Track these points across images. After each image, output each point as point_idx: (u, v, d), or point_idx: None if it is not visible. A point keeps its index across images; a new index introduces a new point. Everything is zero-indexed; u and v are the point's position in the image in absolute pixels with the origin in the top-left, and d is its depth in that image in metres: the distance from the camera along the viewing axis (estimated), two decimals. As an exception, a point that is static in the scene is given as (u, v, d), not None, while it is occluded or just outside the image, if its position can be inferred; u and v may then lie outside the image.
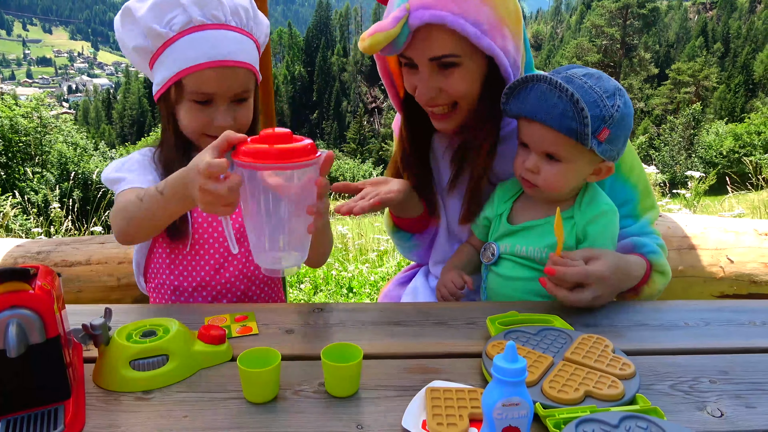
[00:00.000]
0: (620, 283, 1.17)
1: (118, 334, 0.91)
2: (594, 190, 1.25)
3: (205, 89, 1.19)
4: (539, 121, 1.12)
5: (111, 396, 0.85)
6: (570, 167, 1.16)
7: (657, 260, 1.26)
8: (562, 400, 0.80)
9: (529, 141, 1.17)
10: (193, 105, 1.21)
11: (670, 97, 51.45)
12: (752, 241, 2.52)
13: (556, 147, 1.13)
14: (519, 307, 1.12)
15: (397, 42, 1.14)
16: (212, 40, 1.18)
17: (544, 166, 1.16)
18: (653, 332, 1.07)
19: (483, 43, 1.14)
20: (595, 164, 1.17)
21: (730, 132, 35.67)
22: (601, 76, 1.14)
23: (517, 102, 1.16)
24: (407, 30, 1.13)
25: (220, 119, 1.21)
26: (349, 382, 0.85)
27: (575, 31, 79.61)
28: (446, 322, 1.10)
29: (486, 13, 1.13)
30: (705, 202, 5.90)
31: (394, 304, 1.21)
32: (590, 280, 1.09)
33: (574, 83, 1.10)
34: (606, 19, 52.02)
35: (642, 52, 52.64)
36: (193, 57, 1.17)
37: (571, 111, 1.08)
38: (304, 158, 0.86)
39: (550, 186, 1.18)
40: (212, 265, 1.29)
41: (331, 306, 1.17)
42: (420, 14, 1.11)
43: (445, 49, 1.16)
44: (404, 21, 1.12)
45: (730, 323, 1.11)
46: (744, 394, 0.87)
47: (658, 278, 1.26)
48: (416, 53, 1.18)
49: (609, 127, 1.11)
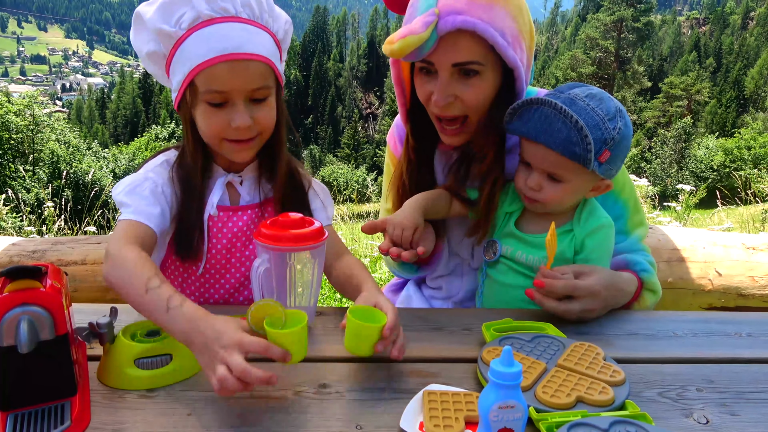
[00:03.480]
0: (612, 299, 1.19)
1: (123, 333, 0.93)
2: (592, 204, 1.28)
3: (217, 86, 1.10)
4: (542, 144, 1.14)
5: (116, 394, 0.87)
6: (571, 186, 1.19)
7: (649, 279, 1.29)
8: (554, 404, 0.83)
9: (532, 161, 1.20)
10: (208, 107, 1.12)
11: (662, 111, 51.98)
12: (740, 254, 2.57)
13: (559, 169, 1.17)
14: (514, 314, 1.15)
15: (424, 46, 1.13)
16: (221, 32, 1.10)
17: (545, 185, 1.19)
18: (643, 341, 1.10)
19: (509, 53, 1.15)
20: (594, 182, 1.21)
21: (720, 146, 36.06)
22: (602, 98, 1.16)
23: (520, 123, 1.18)
24: (435, 35, 1.12)
25: (237, 119, 1.11)
26: (365, 342, 0.92)
27: (570, 42, 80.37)
28: (442, 328, 1.13)
29: (510, 25, 1.15)
30: (695, 215, 5.97)
31: (392, 310, 1.24)
32: (579, 293, 1.12)
33: (577, 105, 1.13)
34: (601, 32, 52.54)
35: (635, 65, 53.16)
36: (203, 53, 1.09)
37: (575, 137, 1.10)
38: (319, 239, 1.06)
39: (551, 203, 1.22)
40: (227, 289, 1.26)
41: (330, 311, 1.20)
42: (452, 19, 1.12)
43: (470, 56, 1.16)
44: (434, 25, 1.11)
45: (716, 334, 1.14)
46: (729, 402, 0.90)
47: (648, 296, 1.30)
48: (440, 58, 1.17)
49: (610, 149, 1.14)
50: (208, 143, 1.20)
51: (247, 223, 1.25)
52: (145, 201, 1.13)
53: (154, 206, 1.13)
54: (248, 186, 1.28)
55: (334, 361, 0.99)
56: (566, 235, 1.25)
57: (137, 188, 1.15)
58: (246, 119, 1.13)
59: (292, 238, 1.02)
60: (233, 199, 1.27)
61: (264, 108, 1.16)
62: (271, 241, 1.01)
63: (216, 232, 1.23)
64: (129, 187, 1.16)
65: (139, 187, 1.15)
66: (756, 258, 2.56)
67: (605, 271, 1.19)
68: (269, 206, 1.29)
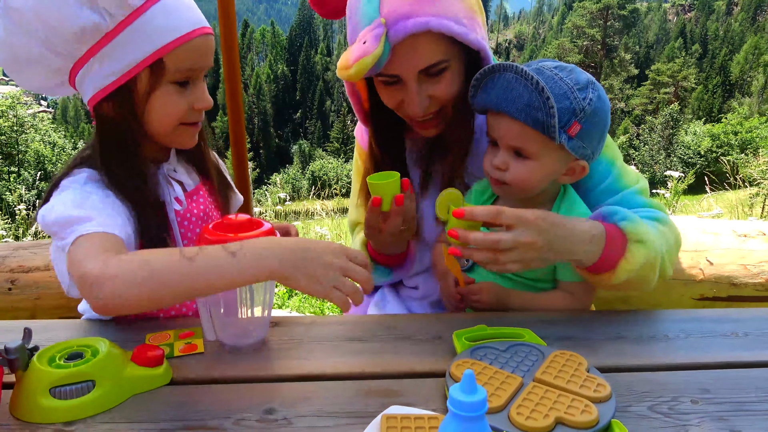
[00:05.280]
0: (558, 237, 0.97)
1: (39, 358, 0.81)
2: (572, 198, 1.17)
3: (193, 63, 1.03)
4: (505, 113, 1.05)
5: (28, 428, 0.76)
6: (540, 164, 1.08)
7: (631, 228, 1.03)
8: (531, 428, 0.72)
9: (497, 135, 1.10)
10: (174, 89, 1.03)
11: (649, 98, 52.20)
12: (731, 242, 2.49)
13: (524, 141, 1.06)
14: (489, 318, 1.05)
15: (380, 61, 1.05)
16: (184, 3, 1.03)
17: (512, 163, 1.09)
18: (631, 346, 1.00)
19: (471, 38, 1.07)
20: (567, 163, 1.10)
21: (707, 132, 36.31)
22: (573, 69, 1.07)
23: (483, 94, 1.09)
24: (388, 46, 1.04)
25: (204, 99, 1.07)
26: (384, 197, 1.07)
27: (557, 31, 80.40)
28: (411, 337, 1.02)
29: (460, 7, 1.07)
30: (684, 201, 5.91)
31: (356, 317, 1.13)
32: (507, 220, 0.93)
33: (544, 74, 1.04)
34: (587, 20, 52.56)
35: (622, 53, 53.27)
36: (176, 26, 0.99)
37: (537, 101, 1.00)
38: None
39: (519, 184, 1.10)
40: None
41: (288, 320, 1.08)
42: (402, 26, 1.03)
43: (434, 57, 1.08)
44: (384, 37, 1.03)
45: (712, 335, 1.04)
46: (728, 415, 0.80)
47: (637, 249, 1.03)
48: (404, 68, 1.09)
49: (580, 121, 1.03)
50: (158, 132, 1.07)
51: (206, 203, 1.21)
52: (105, 213, 0.94)
53: (116, 216, 0.96)
54: (182, 171, 1.19)
55: (285, 381, 0.88)
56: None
57: (86, 202, 0.96)
58: (210, 99, 1.08)
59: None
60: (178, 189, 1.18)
61: (204, 86, 1.10)
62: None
63: (188, 224, 1.15)
64: (72, 200, 0.96)
65: (87, 201, 0.96)
66: (747, 245, 2.48)
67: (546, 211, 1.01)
68: (199, 193, 1.22)
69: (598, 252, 1.02)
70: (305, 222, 6.94)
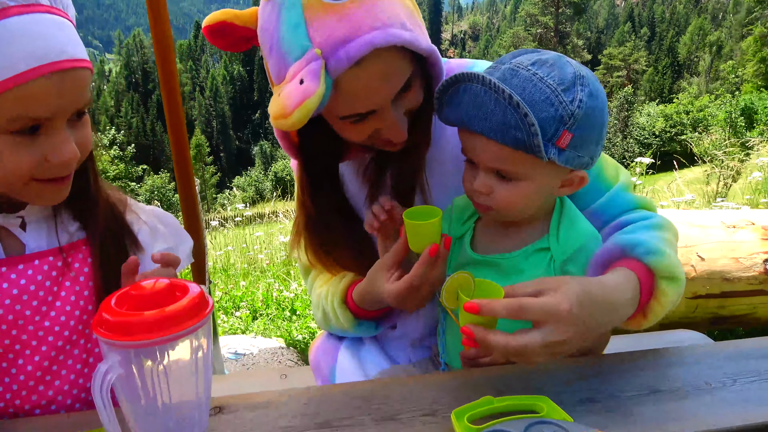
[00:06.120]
0: (596, 318, 0.80)
1: None
2: (571, 213, 0.97)
3: (36, 111, 0.75)
4: (478, 132, 0.84)
5: None
6: (528, 184, 0.88)
7: (659, 263, 0.87)
8: None
9: (472, 155, 0.90)
10: (13, 139, 0.76)
11: (603, 82, 53.35)
12: (721, 234, 2.36)
13: (505, 163, 0.86)
14: (494, 385, 0.83)
15: (324, 101, 0.84)
16: (31, 29, 0.74)
17: (496, 186, 0.88)
18: (667, 403, 0.80)
19: (421, 43, 0.87)
20: (561, 176, 0.90)
21: (660, 113, 37.39)
22: (555, 63, 0.85)
23: (450, 109, 0.88)
24: (330, 81, 0.83)
25: (63, 151, 0.79)
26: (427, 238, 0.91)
27: (511, 21, 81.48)
28: (395, 416, 0.79)
29: (400, 10, 0.86)
30: (650, 186, 5.89)
31: (321, 391, 0.89)
32: (533, 315, 0.75)
33: (519, 76, 0.83)
34: (539, 8, 53.30)
35: (575, 39, 54.27)
36: (9, 63, 0.72)
37: (512, 118, 0.79)
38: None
39: (507, 208, 0.90)
40: (27, 385, 0.88)
41: (233, 405, 0.83)
42: (344, 54, 0.81)
43: (399, 75, 0.88)
44: (324, 71, 0.81)
45: (763, 377, 0.85)
46: None
47: (667, 287, 0.87)
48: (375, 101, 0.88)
49: (570, 129, 0.83)
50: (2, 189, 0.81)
51: (38, 280, 0.89)
52: None
53: None
54: (36, 229, 0.92)
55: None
56: (543, 254, 0.94)
57: None
58: (72, 149, 0.80)
59: (160, 321, 0.65)
60: (10, 249, 0.90)
61: (84, 127, 0.84)
62: (124, 334, 0.65)
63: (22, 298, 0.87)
64: None
65: None
66: (737, 237, 2.35)
67: (578, 280, 0.82)
68: (77, 251, 0.94)
69: (634, 308, 0.86)
70: (268, 224, 6.65)
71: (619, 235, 0.93)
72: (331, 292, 1.14)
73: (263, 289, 3.52)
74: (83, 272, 0.93)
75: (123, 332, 0.64)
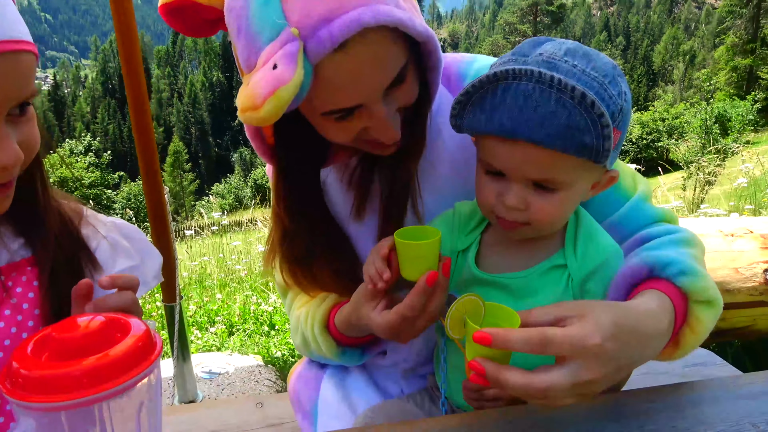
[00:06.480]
0: (630, 352, 0.67)
1: None
2: (588, 225, 0.85)
3: None
4: (525, 140, 0.70)
5: None
6: (568, 193, 0.75)
7: (694, 285, 0.75)
8: None
9: (506, 167, 0.75)
10: None
11: (581, 90, 54.40)
12: (719, 243, 2.28)
13: (551, 172, 0.73)
14: (495, 422, 0.69)
15: (302, 90, 0.70)
16: None
17: (533, 200, 0.75)
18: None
19: (416, 26, 0.73)
20: (596, 177, 0.79)
21: (637, 120, 38.05)
22: (588, 53, 0.74)
23: (481, 115, 0.73)
24: (309, 67, 0.69)
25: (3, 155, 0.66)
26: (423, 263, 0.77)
27: (489, 29, 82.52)
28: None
29: None
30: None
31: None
32: (559, 348, 0.63)
33: (561, 70, 0.70)
34: (518, 17, 54.04)
35: (553, 48, 55.14)
36: None
37: (583, 120, 0.67)
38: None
39: (545, 222, 0.78)
40: None
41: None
42: (325, 35, 0.67)
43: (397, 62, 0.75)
44: (302, 54, 0.68)
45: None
46: None
47: (702, 312, 0.76)
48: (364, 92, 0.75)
49: (619, 126, 0.73)
50: None
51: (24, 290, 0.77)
52: None
53: None
54: None
55: None
56: (560, 271, 0.82)
57: None
58: (15, 152, 0.66)
59: (89, 373, 0.50)
60: None
61: (28, 124, 0.70)
62: (44, 393, 0.49)
63: None
64: None
65: None
66: (736, 246, 2.27)
67: (606, 307, 0.69)
68: (20, 273, 0.79)
69: (668, 339, 0.73)
70: (247, 232, 6.48)
71: (644, 252, 0.81)
72: (311, 316, 1.00)
73: (240, 302, 3.35)
74: (27, 298, 0.78)
75: (39, 390, 0.49)
